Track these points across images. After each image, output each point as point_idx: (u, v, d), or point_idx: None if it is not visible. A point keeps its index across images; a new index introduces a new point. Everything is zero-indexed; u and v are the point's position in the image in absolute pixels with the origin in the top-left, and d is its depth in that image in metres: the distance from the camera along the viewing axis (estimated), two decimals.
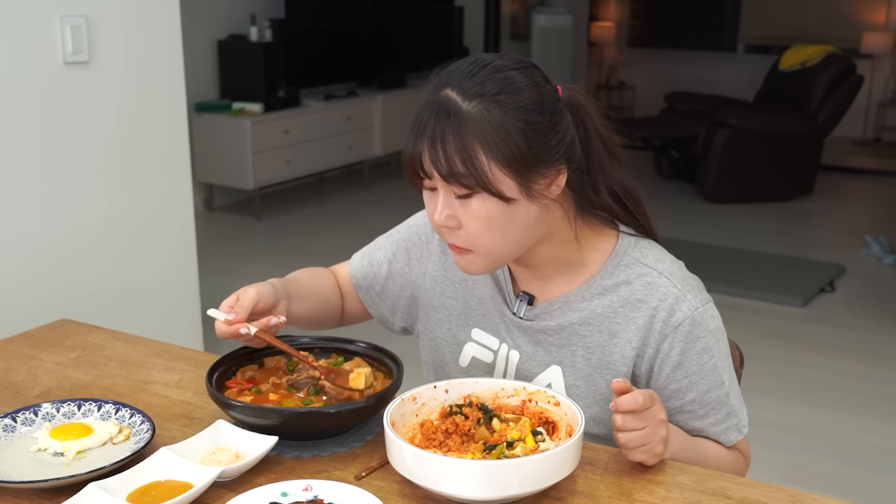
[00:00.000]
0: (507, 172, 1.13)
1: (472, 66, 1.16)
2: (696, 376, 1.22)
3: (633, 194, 1.28)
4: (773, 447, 2.96)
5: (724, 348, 1.26)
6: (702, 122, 6.26)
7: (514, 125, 1.12)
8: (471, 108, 1.12)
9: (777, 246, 5.20)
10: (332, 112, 6.15)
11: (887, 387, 3.46)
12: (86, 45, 2.52)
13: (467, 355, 1.35)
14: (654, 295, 1.22)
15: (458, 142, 1.11)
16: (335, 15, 6.42)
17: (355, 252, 1.50)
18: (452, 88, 1.14)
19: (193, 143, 5.47)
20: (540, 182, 1.16)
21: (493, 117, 1.12)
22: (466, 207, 1.15)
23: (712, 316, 1.24)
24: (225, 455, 1.13)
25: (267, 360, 1.33)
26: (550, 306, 1.27)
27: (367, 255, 1.47)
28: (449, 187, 1.15)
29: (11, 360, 1.49)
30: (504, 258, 1.21)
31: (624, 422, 1.10)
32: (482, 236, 1.16)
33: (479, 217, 1.15)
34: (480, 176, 1.11)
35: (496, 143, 1.11)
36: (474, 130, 1.11)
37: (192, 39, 4.68)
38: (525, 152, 1.12)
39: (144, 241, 2.80)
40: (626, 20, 9.84)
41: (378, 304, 1.46)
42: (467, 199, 1.14)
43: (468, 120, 1.12)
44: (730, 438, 1.27)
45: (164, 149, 2.82)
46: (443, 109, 1.13)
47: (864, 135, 8.32)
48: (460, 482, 1.01)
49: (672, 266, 1.25)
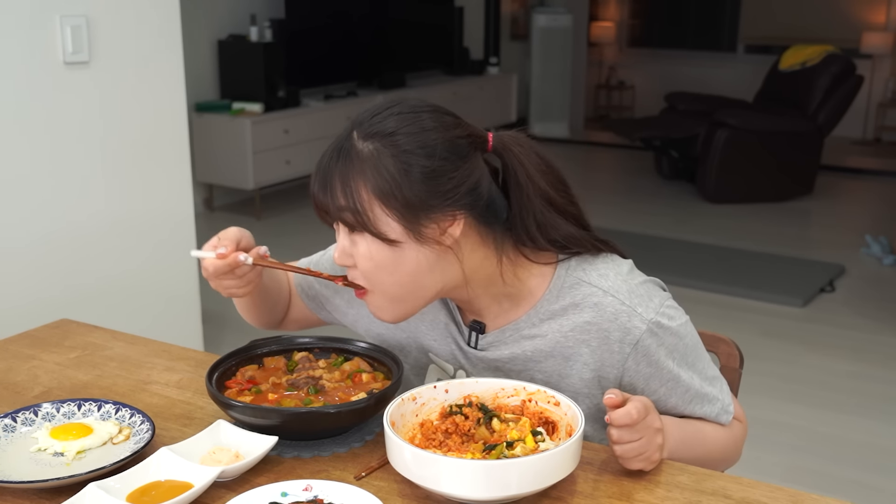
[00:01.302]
0: (390, 214, 1.12)
1: (382, 106, 1.16)
2: (670, 382, 1.22)
3: (577, 238, 1.22)
4: (772, 447, 2.96)
5: (690, 342, 1.23)
6: (702, 122, 6.26)
7: (401, 167, 1.11)
8: (363, 147, 1.13)
9: (777, 246, 5.20)
10: (332, 112, 6.15)
11: (887, 387, 3.46)
12: (86, 45, 2.53)
13: (433, 375, 1.34)
14: (604, 316, 1.19)
15: (343, 180, 1.12)
16: (335, 15, 6.42)
17: None
18: (356, 128, 1.15)
19: (193, 143, 5.46)
20: (430, 227, 1.13)
21: (381, 158, 1.11)
22: (355, 245, 1.15)
23: (669, 317, 1.20)
24: (225, 455, 1.13)
25: (267, 360, 1.34)
26: (502, 334, 1.25)
27: (314, 263, 1.45)
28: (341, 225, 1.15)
29: (11, 360, 1.49)
30: (406, 302, 1.18)
31: (620, 435, 1.09)
32: (372, 276, 1.16)
33: (365, 257, 1.15)
34: (361, 215, 1.11)
35: (379, 184, 1.11)
36: (361, 170, 1.11)
37: (192, 39, 4.68)
38: (409, 196, 1.11)
39: (144, 241, 2.80)
40: (626, 20, 9.85)
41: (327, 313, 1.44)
42: (356, 237, 1.15)
43: (356, 159, 1.12)
44: (721, 421, 1.27)
45: (164, 149, 2.82)
46: (340, 149, 1.14)
47: (864, 135, 8.32)
48: (460, 482, 1.01)
49: (616, 280, 1.20)
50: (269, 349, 1.35)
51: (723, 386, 1.29)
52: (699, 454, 1.24)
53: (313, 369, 1.30)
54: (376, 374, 1.29)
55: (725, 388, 1.30)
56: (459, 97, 7.43)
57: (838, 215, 6.10)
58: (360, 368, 1.30)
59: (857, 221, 5.88)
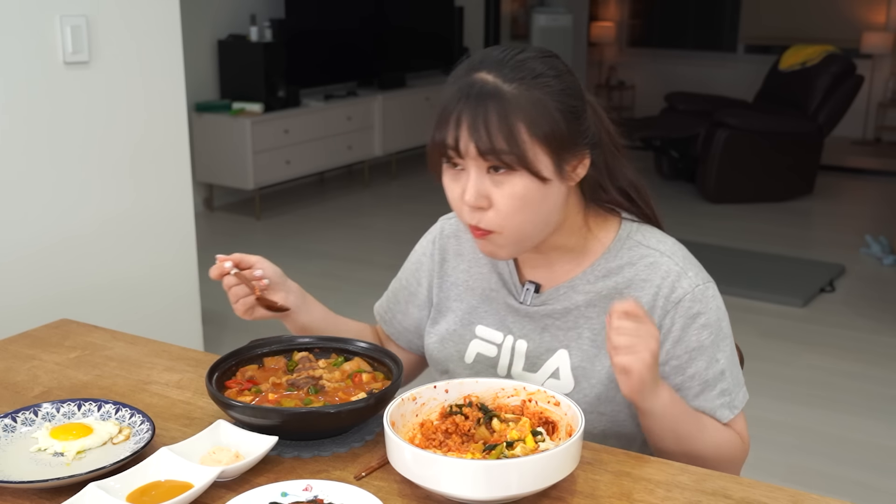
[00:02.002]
0: (545, 151, 1.15)
1: (504, 53, 1.18)
2: (695, 352, 1.24)
3: (638, 188, 1.31)
4: (773, 447, 2.96)
5: (724, 327, 1.27)
6: (702, 122, 6.26)
7: (553, 105, 1.16)
8: (512, 88, 1.15)
9: (777, 246, 5.20)
10: (332, 112, 6.15)
11: (887, 387, 3.46)
12: (86, 45, 2.53)
13: (472, 352, 1.36)
14: (657, 273, 1.25)
15: (501, 119, 1.13)
16: (335, 15, 6.42)
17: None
18: (488, 72, 1.16)
19: (193, 143, 5.47)
20: (570, 163, 1.19)
21: (534, 96, 1.15)
22: (500, 186, 1.16)
23: (713, 295, 1.26)
24: (225, 455, 1.13)
25: (267, 360, 1.34)
26: (556, 291, 1.29)
27: (385, 295, 1.52)
28: (483, 167, 1.16)
29: (11, 360, 1.49)
30: (528, 241, 1.22)
31: (620, 323, 1.11)
32: (514, 216, 1.17)
33: (514, 195, 1.16)
34: (522, 154, 1.14)
35: (538, 121, 1.14)
36: (517, 108, 1.14)
37: (192, 39, 4.68)
38: (563, 132, 1.16)
39: (144, 241, 2.80)
40: (626, 20, 9.84)
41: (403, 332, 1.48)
42: (503, 177, 1.16)
43: (511, 99, 1.14)
44: (723, 416, 1.27)
45: (164, 149, 2.82)
46: (483, 90, 1.15)
47: (864, 135, 8.32)
48: (460, 482, 1.01)
49: (674, 247, 1.28)
50: (269, 349, 1.35)
51: (741, 388, 1.29)
52: (691, 432, 1.22)
53: (313, 369, 1.30)
54: (376, 374, 1.29)
55: (743, 391, 1.29)
56: None
57: (838, 215, 6.10)
58: (360, 368, 1.30)
59: (857, 221, 5.88)
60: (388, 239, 5.37)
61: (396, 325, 1.49)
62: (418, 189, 6.65)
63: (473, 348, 1.36)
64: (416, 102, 6.99)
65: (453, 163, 1.18)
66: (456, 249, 1.41)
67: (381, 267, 4.75)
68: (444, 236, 1.43)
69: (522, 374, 1.32)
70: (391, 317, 1.49)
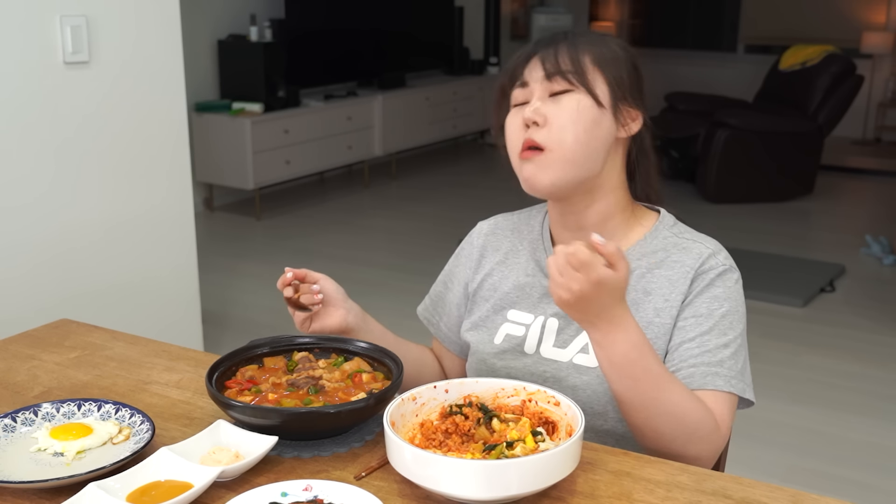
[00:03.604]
0: (605, 81, 1.28)
1: (572, 31, 1.34)
2: (702, 318, 1.27)
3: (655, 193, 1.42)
4: (773, 447, 2.96)
5: (740, 316, 1.31)
6: (702, 122, 6.26)
7: (620, 54, 1.31)
8: (582, 37, 1.31)
9: (777, 246, 5.20)
10: (332, 112, 6.15)
11: (887, 387, 3.46)
12: (86, 45, 2.53)
13: (502, 333, 1.39)
14: (690, 255, 1.32)
15: (571, 49, 1.28)
16: (335, 15, 6.42)
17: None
18: (565, 35, 1.31)
19: (193, 143, 5.47)
20: (625, 110, 1.29)
21: (607, 47, 1.30)
22: (559, 103, 1.26)
23: (737, 280, 1.33)
24: (225, 455, 1.13)
25: (267, 360, 1.33)
26: None
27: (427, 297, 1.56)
28: (546, 92, 1.27)
29: (11, 360, 1.49)
30: (574, 168, 1.26)
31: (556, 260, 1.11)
32: (566, 131, 1.25)
33: (570, 109, 1.25)
34: (583, 75, 1.26)
35: (605, 56, 1.29)
36: (588, 47, 1.29)
37: (192, 39, 4.68)
38: (625, 80, 1.29)
39: (144, 241, 2.80)
40: (626, 20, 9.84)
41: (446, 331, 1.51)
42: (562, 97, 1.27)
43: (583, 41, 1.30)
44: (706, 382, 1.22)
45: (164, 149, 2.82)
46: (555, 35, 1.31)
47: (864, 135, 8.32)
48: (460, 482, 1.01)
49: (709, 240, 1.37)
50: (269, 349, 1.35)
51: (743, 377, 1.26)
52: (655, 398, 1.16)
53: (313, 369, 1.30)
54: (376, 374, 1.29)
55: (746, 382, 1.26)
56: (459, 97, 7.43)
57: (838, 215, 6.10)
58: (360, 368, 1.30)
59: (857, 221, 5.88)
60: (388, 239, 5.36)
61: (443, 327, 1.52)
62: (418, 189, 6.65)
63: (504, 330, 1.39)
64: (416, 102, 6.99)
65: (520, 103, 1.30)
66: (494, 245, 1.46)
67: (381, 267, 4.75)
68: (483, 234, 1.49)
69: (552, 349, 1.34)
70: (437, 319, 1.52)
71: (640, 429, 1.21)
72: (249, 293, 4.26)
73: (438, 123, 7.26)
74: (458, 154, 7.90)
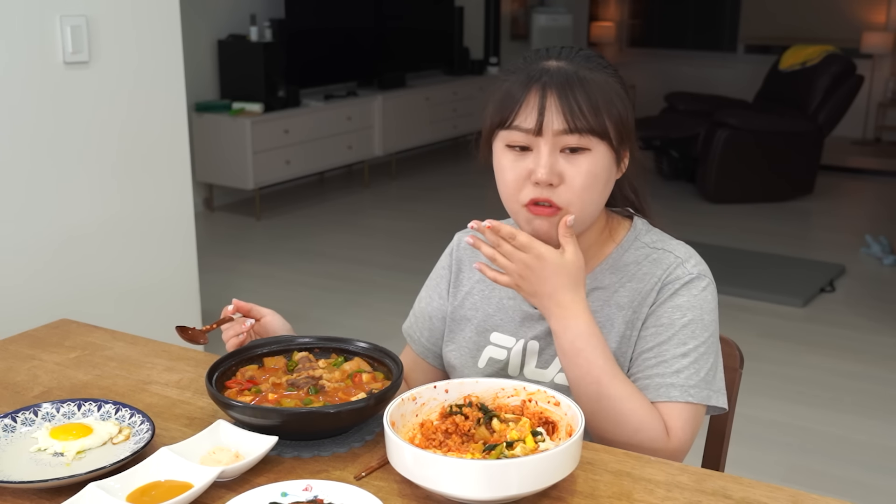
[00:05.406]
0: (613, 132, 1.21)
1: (562, 49, 1.26)
2: (662, 328, 1.26)
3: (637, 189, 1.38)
4: (773, 447, 2.96)
5: (706, 322, 1.26)
6: (702, 122, 6.26)
7: (625, 96, 1.24)
8: (596, 76, 1.22)
9: (777, 246, 5.20)
10: (332, 112, 6.15)
11: (887, 387, 3.46)
12: (86, 45, 2.53)
13: (485, 357, 1.38)
14: (660, 266, 1.29)
15: (588, 96, 1.19)
16: (335, 15, 6.42)
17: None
18: (557, 60, 1.23)
19: (193, 143, 5.47)
20: (624, 153, 1.26)
21: (609, 82, 1.23)
22: (575, 164, 1.20)
23: (704, 288, 1.27)
24: (225, 455, 1.13)
25: (267, 360, 1.33)
26: None
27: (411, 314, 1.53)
28: (557, 146, 1.20)
29: (11, 360, 1.49)
30: (584, 224, 1.25)
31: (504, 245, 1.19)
32: (585, 192, 1.21)
33: (587, 172, 1.20)
34: (604, 130, 1.20)
35: (613, 103, 1.21)
36: (598, 89, 1.20)
37: (192, 39, 4.68)
38: (628, 122, 1.24)
39: (144, 241, 2.80)
40: (626, 20, 9.84)
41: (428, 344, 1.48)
42: (578, 156, 1.20)
43: (591, 81, 1.21)
44: (660, 394, 1.23)
45: (164, 149, 2.82)
46: (564, 73, 1.20)
47: (864, 135, 8.31)
48: (460, 482, 1.01)
49: (680, 247, 1.32)
50: (269, 349, 1.35)
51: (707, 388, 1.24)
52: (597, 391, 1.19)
53: (313, 369, 1.30)
54: (376, 374, 1.29)
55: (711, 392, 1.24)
56: (459, 97, 7.43)
57: (838, 215, 6.10)
58: (360, 368, 1.30)
59: (857, 221, 5.88)
60: (388, 239, 5.36)
61: (424, 342, 1.48)
62: (418, 189, 6.65)
63: (486, 354, 1.38)
64: (416, 102, 6.99)
65: (520, 146, 1.22)
66: (471, 259, 1.42)
67: (381, 267, 4.75)
68: (461, 248, 1.45)
69: (535, 370, 1.34)
70: (419, 335, 1.49)
71: (586, 417, 1.19)
72: (249, 293, 4.25)
73: (438, 123, 7.26)
74: (458, 154, 7.90)
